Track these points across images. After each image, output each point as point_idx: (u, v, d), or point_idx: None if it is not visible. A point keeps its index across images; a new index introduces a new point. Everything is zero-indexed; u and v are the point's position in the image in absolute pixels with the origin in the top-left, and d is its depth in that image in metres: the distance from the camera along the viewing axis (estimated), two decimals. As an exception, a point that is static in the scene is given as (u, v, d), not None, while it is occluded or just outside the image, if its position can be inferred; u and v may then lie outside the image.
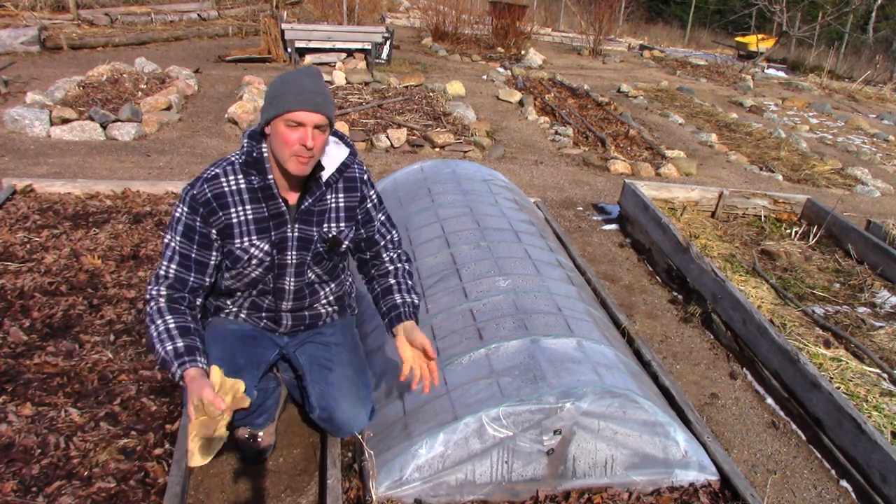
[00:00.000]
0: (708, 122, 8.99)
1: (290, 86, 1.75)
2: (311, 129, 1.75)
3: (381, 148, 6.11)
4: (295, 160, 1.78)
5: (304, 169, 1.81)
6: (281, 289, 2.04)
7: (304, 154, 1.77)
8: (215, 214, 1.86)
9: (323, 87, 1.80)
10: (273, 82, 1.81)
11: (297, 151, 1.77)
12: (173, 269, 1.88)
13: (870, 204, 6.30)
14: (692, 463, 2.21)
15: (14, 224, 3.58)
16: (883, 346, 3.36)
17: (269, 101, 1.78)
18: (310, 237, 1.98)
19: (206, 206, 1.85)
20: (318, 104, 1.76)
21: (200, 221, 1.86)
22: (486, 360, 2.20)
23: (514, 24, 12.71)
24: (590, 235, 4.67)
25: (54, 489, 1.97)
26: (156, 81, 7.15)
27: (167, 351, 1.79)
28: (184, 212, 1.86)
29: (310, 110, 1.74)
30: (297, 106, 1.73)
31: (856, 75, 15.50)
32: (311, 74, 1.80)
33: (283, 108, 1.74)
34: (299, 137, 1.75)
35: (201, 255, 1.90)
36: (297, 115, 1.74)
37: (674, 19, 22.92)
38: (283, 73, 1.82)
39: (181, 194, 1.88)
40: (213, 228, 1.88)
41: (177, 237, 1.87)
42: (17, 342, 2.62)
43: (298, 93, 1.74)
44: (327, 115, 1.78)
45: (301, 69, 1.84)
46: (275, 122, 1.77)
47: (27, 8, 10.39)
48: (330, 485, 1.99)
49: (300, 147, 1.76)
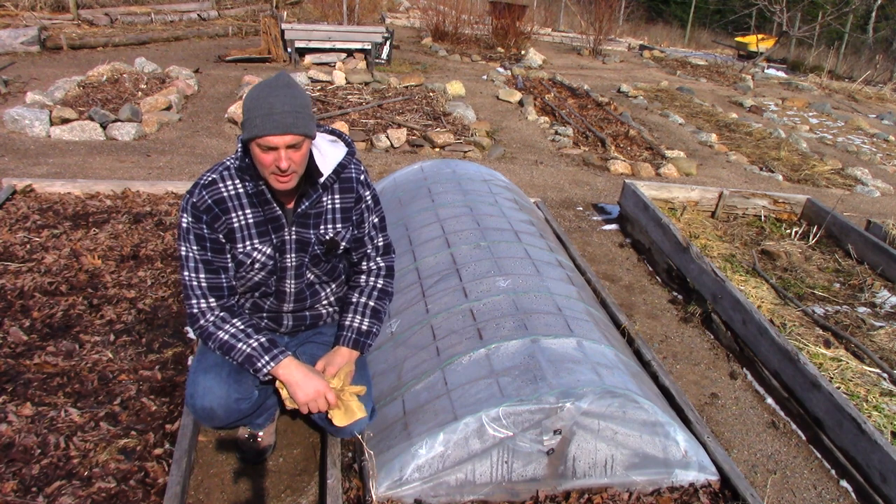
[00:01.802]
0: (708, 122, 8.99)
1: (259, 108, 1.69)
2: (284, 149, 1.72)
3: (381, 148, 6.11)
4: (274, 178, 1.77)
5: (285, 186, 1.79)
6: (282, 291, 2.04)
7: (280, 174, 1.75)
8: (218, 220, 1.86)
9: (294, 103, 1.71)
10: (246, 98, 1.74)
11: (273, 171, 1.75)
12: (203, 277, 1.88)
13: (870, 204, 6.30)
14: (692, 463, 2.21)
15: (14, 224, 3.58)
16: (883, 346, 3.36)
17: (244, 120, 1.73)
18: (307, 240, 1.98)
19: (209, 212, 1.85)
20: (287, 125, 1.69)
21: (207, 228, 1.86)
22: (486, 360, 2.20)
23: (514, 24, 12.72)
24: (590, 235, 4.67)
25: (54, 489, 1.97)
26: (156, 81, 7.15)
27: (253, 347, 1.83)
28: (189, 221, 1.86)
29: (279, 133, 1.69)
30: (266, 131, 1.68)
31: (856, 75, 15.50)
32: (282, 87, 1.72)
33: (253, 133, 1.70)
34: (273, 159, 1.73)
35: (219, 260, 1.90)
36: (268, 139, 1.69)
37: (674, 19, 22.92)
38: (255, 87, 1.75)
39: (182, 203, 1.88)
40: (219, 233, 1.88)
41: (192, 247, 1.86)
42: (17, 342, 2.62)
43: (268, 115, 1.68)
44: (299, 133, 1.72)
45: (271, 82, 1.74)
46: (251, 143, 1.74)
47: (27, 8, 10.39)
48: (330, 485, 1.99)
49: (276, 168, 1.74)
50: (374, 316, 2.08)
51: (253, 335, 1.86)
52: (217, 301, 1.89)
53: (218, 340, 1.86)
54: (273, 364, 1.83)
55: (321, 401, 1.85)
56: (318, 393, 1.84)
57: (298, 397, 1.84)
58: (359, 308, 2.07)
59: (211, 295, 1.88)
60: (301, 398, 1.84)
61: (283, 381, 1.85)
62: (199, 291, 1.88)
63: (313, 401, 1.84)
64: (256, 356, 1.83)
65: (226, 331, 1.86)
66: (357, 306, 2.08)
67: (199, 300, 1.88)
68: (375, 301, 2.10)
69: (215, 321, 1.87)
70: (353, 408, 1.88)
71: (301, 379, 1.84)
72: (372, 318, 2.07)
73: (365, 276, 2.13)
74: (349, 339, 2.02)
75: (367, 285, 2.12)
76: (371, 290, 2.11)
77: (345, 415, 1.88)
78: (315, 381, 1.85)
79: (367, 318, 2.06)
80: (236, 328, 1.87)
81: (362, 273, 2.13)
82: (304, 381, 1.84)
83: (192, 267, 1.87)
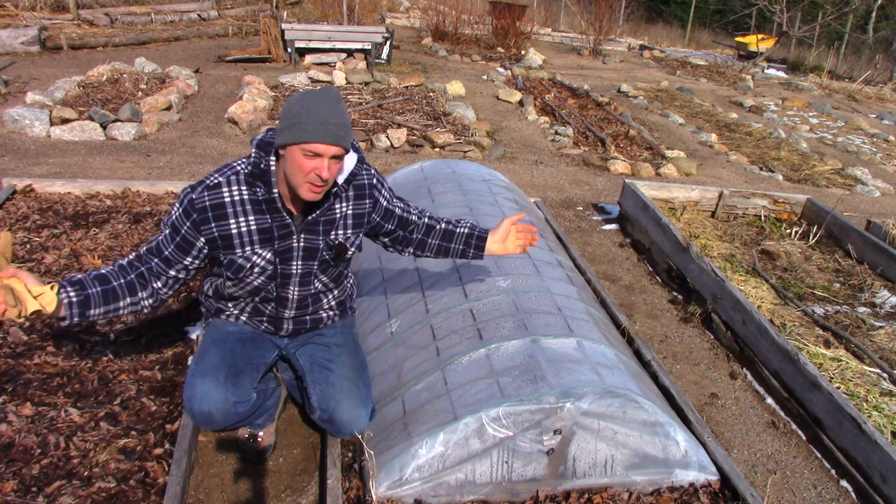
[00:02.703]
0: (708, 122, 8.99)
1: (312, 115, 1.69)
2: (329, 159, 1.72)
3: (381, 148, 6.11)
4: (308, 187, 1.76)
5: (316, 197, 1.79)
6: (284, 297, 2.04)
7: (318, 183, 1.75)
8: (207, 224, 1.85)
9: (344, 116, 1.74)
10: (293, 103, 1.74)
11: (311, 180, 1.74)
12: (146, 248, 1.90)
13: (870, 204, 6.31)
14: (692, 463, 2.21)
15: (14, 224, 3.58)
16: (883, 346, 3.36)
17: (289, 124, 1.71)
18: (315, 246, 1.97)
19: (201, 213, 1.84)
20: (339, 137, 1.71)
21: (190, 226, 1.85)
22: (486, 360, 2.20)
23: (514, 24, 12.71)
24: (590, 235, 4.67)
25: (54, 489, 1.97)
26: (156, 81, 7.15)
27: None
28: (178, 213, 1.86)
29: (330, 143, 1.70)
30: (317, 138, 1.68)
31: (856, 75, 15.50)
32: (333, 100, 1.73)
33: (302, 138, 1.69)
34: (315, 167, 1.72)
35: (174, 255, 1.89)
36: (317, 147, 1.70)
37: (674, 19, 22.92)
38: (303, 94, 1.75)
39: (181, 194, 1.88)
40: (202, 237, 1.87)
41: (166, 231, 1.89)
42: (17, 342, 2.62)
43: (321, 123, 1.68)
44: (346, 147, 1.75)
45: (322, 92, 1.75)
46: (291, 147, 1.72)
47: (27, 8, 10.39)
48: (330, 485, 1.99)
49: (315, 177, 1.73)
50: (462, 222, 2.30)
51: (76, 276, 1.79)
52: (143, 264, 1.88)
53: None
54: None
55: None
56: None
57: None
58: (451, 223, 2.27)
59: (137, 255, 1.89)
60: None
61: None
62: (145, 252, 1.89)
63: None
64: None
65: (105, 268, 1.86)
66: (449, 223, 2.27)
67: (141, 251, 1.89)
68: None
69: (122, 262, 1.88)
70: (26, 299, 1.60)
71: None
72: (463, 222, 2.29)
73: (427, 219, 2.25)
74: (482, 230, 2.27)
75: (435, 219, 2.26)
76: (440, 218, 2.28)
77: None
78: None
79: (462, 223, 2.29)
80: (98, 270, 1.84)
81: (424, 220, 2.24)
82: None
83: (154, 246, 1.89)
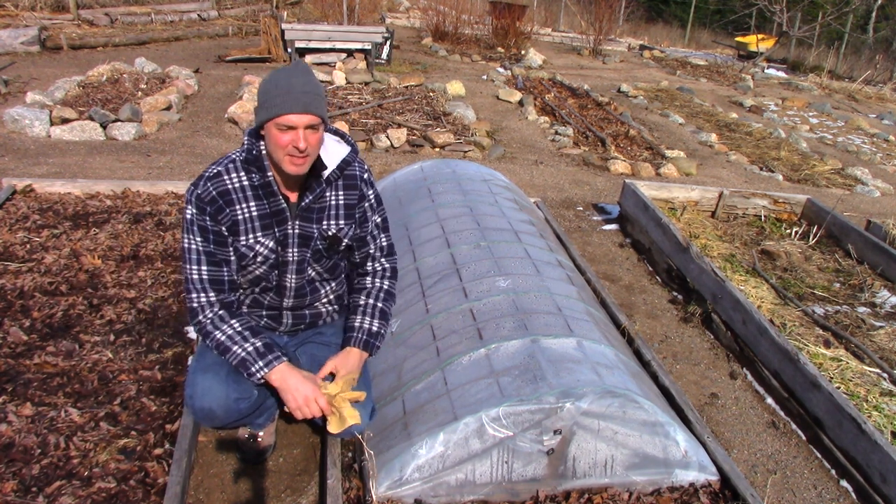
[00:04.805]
0: (708, 121, 8.99)
1: (278, 87, 1.74)
2: (303, 129, 1.75)
3: (381, 148, 6.11)
4: (289, 160, 1.79)
5: (299, 169, 1.82)
6: (283, 286, 2.05)
7: (297, 155, 1.78)
8: (222, 212, 1.87)
9: (313, 85, 1.77)
10: (263, 82, 1.80)
11: (290, 152, 1.77)
12: (205, 270, 1.88)
13: (870, 204, 6.30)
14: (692, 463, 2.21)
15: (14, 224, 3.58)
16: (883, 346, 3.36)
17: (260, 103, 1.77)
18: (310, 234, 1.98)
19: (213, 204, 1.86)
20: (306, 105, 1.74)
21: (210, 220, 1.87)
22: (486, 360, 2.20)
23: (514, 24, 12.71)
24: (590, 235, 4.67)
25: (54, 489, 1.97)
26: (156, 81, 7.15)
27: (248, 351, 1.83)
28: (193, 213, 1.87)
29: (299, 112, 1.73)
30: (285, 109, 1.72)
31: (856, 75, 15.50)
32: (300, 72, 1.77)
33: (272, 112, 1.73)
34: (291, 140, 1.75)
35: (222, 252, 1.91)
36: (288, 118, 1.73)
37: (674, 19, 22.92)
38: (272, 72, 1.80)
39: (186, 195, 1.89)
40: (223, 226, 1.89)
41: (196, 238, 1.87)
42: (17, 342, 2.62)
43: (287, 94, 1.72)
44: (318, 115, 1.77)
45: (289, 67, 1.80)
46: (267, 125, 1.77)
47: (27, 8, 10.39)
48: (330, 485, 1.99)
49: (293, 149, 1.76)
50: (381, 317, 2.09)
51: (249, 338, 1.86)
52: (217, 296, 1.89)
53: (215, 340, 1.86)
54: (267, 370, 1.84)
55: (313, 406, 1.84)
56: (308, 399, 1.83)
57: (289, 403, 1.84)
58: (367, 309, 2.08)
59: (211, 289, 1.88)
60: (292, 404, 1.84)
61: (276, 387, 1.85)
62: (200, 285, 1.88)
63: (304, 406, 1.84)
64: (251, 361, 1.84)
65: (223, 331, 1.86)
66: (365, 308, 2.09)
67: (200, 294, 1.88)
68: (382, 302, 2.11)
69: (213, 319, 1.88)
70: (346, 415, 1.86)
71: (293, 385, 1.84)
72: (380, 319, 2.09)
73: (370, 278, 2.14)
74: (360, 341, 2.03)
75: (374, 286, 2.13)
76: (378, 291, 2.12)
77: (338, 422, 1.86)
78: (307, 386, 1.84)
79: (375, 320, 2.07)
80: (234, 329, 1.87)
81: (367, 274, 2.14)
82: (295, 387, 1.84)
83: (195, 259, 1.87)
